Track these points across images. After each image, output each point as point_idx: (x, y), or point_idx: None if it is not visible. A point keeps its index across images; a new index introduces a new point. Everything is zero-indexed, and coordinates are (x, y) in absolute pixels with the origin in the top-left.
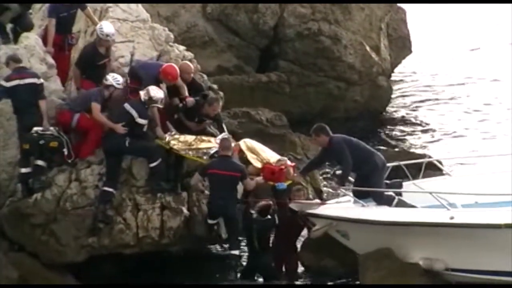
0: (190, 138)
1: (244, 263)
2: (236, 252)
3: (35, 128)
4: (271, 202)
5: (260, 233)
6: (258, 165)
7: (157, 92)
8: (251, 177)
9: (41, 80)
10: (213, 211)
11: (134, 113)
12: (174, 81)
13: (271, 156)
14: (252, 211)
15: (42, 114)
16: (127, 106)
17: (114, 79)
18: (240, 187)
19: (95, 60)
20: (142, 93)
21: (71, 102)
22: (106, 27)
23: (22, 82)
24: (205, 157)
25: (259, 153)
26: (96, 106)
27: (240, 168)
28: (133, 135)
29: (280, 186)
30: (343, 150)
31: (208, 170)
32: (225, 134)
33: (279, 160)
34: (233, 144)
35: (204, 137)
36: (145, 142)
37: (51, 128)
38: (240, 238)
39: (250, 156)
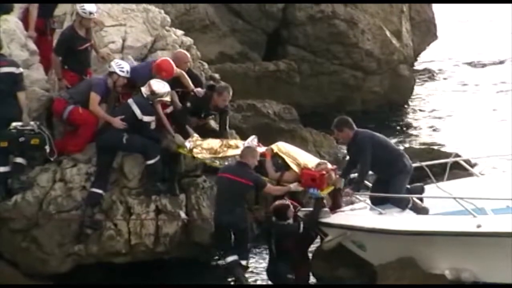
0: (214, 143)
1: (251, 273)
2: (244, 262)
3: (14, 124)
4: (288, 203)
5: (278, 238)
6: (296, 169)
7: (160, 85)
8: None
9: (20, 70)
10: (222, 226)
11: (137, 110)
12: (169, 77)
13: (309, 160)
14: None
15: (21, 107)
16: (130, 101)
17: (118, 65)
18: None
19: (75, 45)
20: (143, 89)
21: (71, 90)
22: (89, 5)
23: None
24: None
25: (296, 157)
26: (94, 97)
27: (254, 178)
28: (132, 131)
29: (314, 194)
30: (364, 148)
31: (220, 173)
32: (253, 138)
33: (319, 164)
34: (263, 149)
35: (231, 142)
36: (143, 138)
37: (32, 123)
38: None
39: (288, 160)
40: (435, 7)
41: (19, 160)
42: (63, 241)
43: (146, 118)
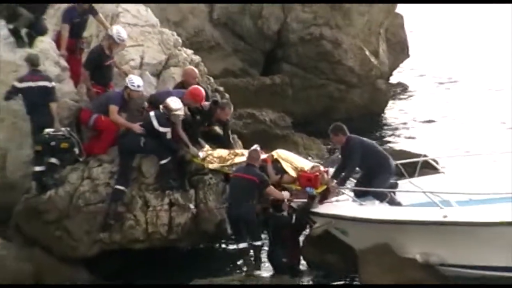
0: (223, 152)
1: (252, 259)
2: (245, 245)
3: (47, 130)
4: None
5: (274, 228)
6: (293, 173)
7: (175, 103)
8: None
9: (53, 84)
10: (234, 219)
11: (155, 121)
12: (202, 101)
13: (304, 163)
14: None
15: (53, 115)
16: (151, 113)
17: (130, 81)
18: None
19: (102, 61)
20: (161, 106)
21: (94, 102)
22: (123, 32)
23: (34, 84)
24: None
25: (293, 162)
26: (113, 109)
27: (260, 176)
28: (150, 137)
29: (310, 192)
30: (354, 152)
31: (232, 174)
32: (256, 146)
33: (313, 167)
34: (265, 155)
35: (237, 151)
36: (157, 141)
37: (62, 129)
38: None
39: (286, 165)
40: (408, 29)
41: (52, 160)
42: (90, 230)
43: (161, 129)
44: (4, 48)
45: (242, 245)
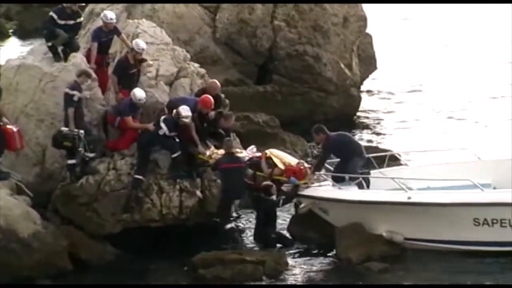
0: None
1: (248, 235)
2: (241, 225)
3: (62, 128)
4: (272, 183)
5: (265, 210)
6: (282, 167)
7: (185, 111)
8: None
9: (73, 92)
10: (232, 197)
11: (163, 126)
12: (211, 108)
13: (292, 160)
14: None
15: (68, 118)
16: (162, 118)
17: (133, 94)
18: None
19: (127, 69)
20: (174, 111)
21: (113, 109)
22: (141, 43)
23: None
24: None
25: (282, 158)
26: (128, 119)
27: (243, 160)
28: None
29: (293, 181)
30: (326, 149)
31: (220, 166)
32: (252, 147)
33: (298, 163)
34: (259, 153)
35: (237, 149)
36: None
37: (76, 130)
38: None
39: (277, 161)
40: (376, 47)
41: (87, 154)
42: (115, 211)
43: (167, 132)
44: (43, 62)
45: (229, 225)
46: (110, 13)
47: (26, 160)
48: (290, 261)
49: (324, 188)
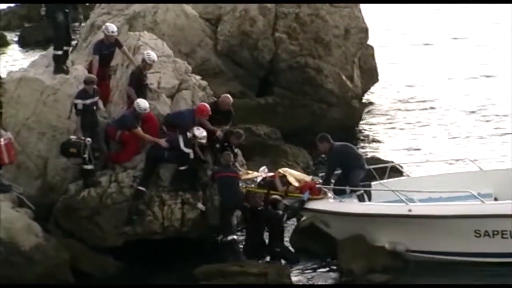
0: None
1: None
2: (242, 237)
3: (71, 137)
4: (280, 198)
5: (271, 224)
6: (296, 184)
7: (200, 132)
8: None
9: (76, 100)
10: (229, 205)
11: (181, 143)
12: (209, 115)
13: (305, 176)
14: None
15: (76, 125)
16: (180, 137)
17: (136, 103)
18: None
19: (141, 80)
20: (188, 133)
21: (114, 122)
22: (153, 54)
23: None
24: (253, 185)
25: (296, 176)
26: (136, 131)
27: (236, 171)
28: (173, 151)
29: (305, 197)
30: (332, 159)
31: (215, 175)
32: (264, 168)
33: (312, 179)
34: (271, 173)
35: (249, 171)
36: (178, 154)
37: (83, 138)
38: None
39: (290, 178)
40: (378, 58)
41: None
42: (117, 224)
43: (186, 150)
44: (45, 75)
45: (230, 237)
46: (111, 26)
47: (28, 173)
48: (293, 273)
49: (325, 201)
